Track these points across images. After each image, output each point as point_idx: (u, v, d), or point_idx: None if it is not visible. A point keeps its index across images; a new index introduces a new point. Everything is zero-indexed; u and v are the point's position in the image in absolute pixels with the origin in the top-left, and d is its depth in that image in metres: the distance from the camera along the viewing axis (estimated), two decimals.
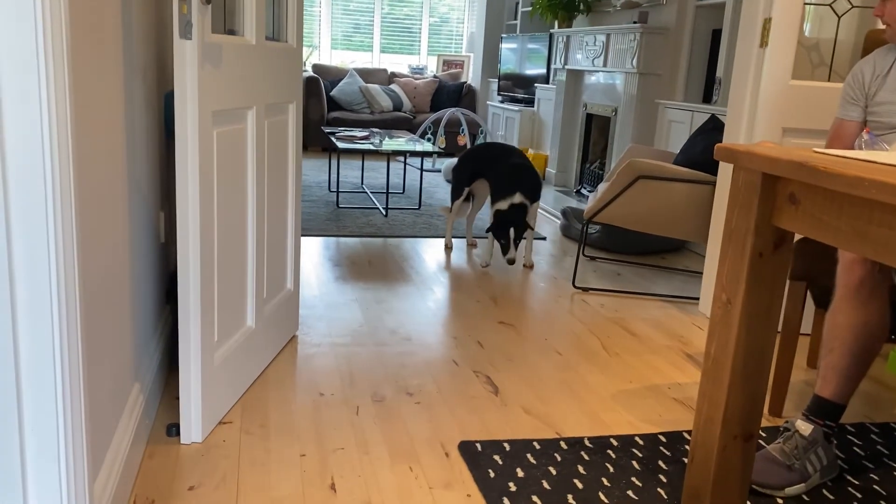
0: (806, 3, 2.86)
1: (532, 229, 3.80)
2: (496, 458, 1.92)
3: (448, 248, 4.12)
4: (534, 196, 3.76)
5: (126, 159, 1.71)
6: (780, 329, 2.23)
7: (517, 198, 3.63)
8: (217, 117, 1.85)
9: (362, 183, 6.00)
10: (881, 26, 2.11)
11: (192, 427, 1.89)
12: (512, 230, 3.59)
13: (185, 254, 1.80)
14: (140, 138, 1.89)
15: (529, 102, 7.22)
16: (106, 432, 1.52)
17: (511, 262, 3.57)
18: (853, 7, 3.00)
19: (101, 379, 1.47)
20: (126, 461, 1.62)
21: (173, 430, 1.91)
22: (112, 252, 1.56)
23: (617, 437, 2.07)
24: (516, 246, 3.61)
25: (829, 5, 3.00)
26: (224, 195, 1.94)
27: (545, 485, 1.81)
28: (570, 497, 1.77)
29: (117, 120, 1.61)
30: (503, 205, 3.65)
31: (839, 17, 3.01)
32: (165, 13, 2.26)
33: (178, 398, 1.90)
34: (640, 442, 2.06)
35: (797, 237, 2.20)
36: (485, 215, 3.98)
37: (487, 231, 3.70)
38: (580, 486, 1.82)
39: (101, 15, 1.46)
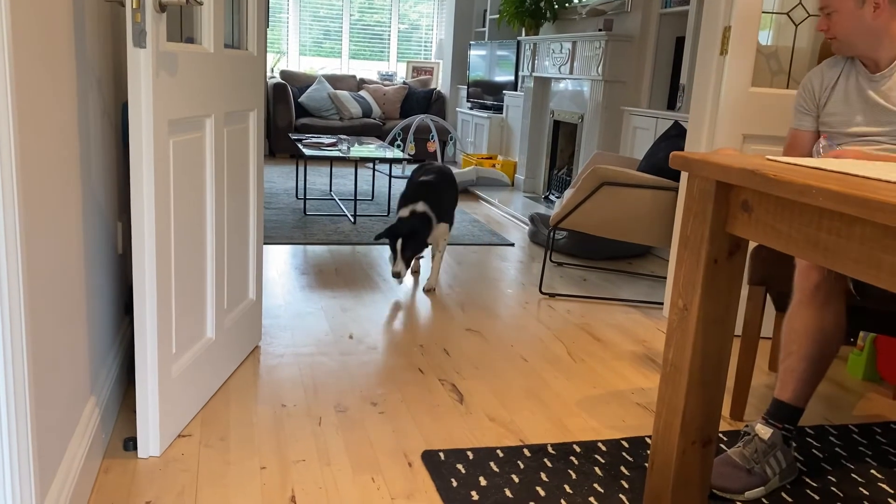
0: (764, 12, 2.90)
1: (437, 252, 3.48)
2: (459, 466, 1.91)
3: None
4: (441, 213, 3.45)
5: (80, 169, 1.68)
6: (740, 333, 2.26)
7: (420, 206, 3.37)
8: (173, 126, 1.83)
9: (331, 190, 5.97)
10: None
11: (150, 441, 1.86)
12: (400, 241, 3.27)
13: (140, 265, 1.77)
14: (96, 148, 1.86)
15: (498, 109, 7.25)
16: (57, 447, 1.48)
17: (395, 276, 3.26)
18: (810, 16, 3.05)
19: (53, 392, 1.44)
20: (79, 476, 1.58)
21: (130, 443, 1.88)
22: (64, 263, 1.53)
23: (580, 444, 2.08)
24: (408, 263, 3.30)
25: (787, 14, 3.05)
26: (182, 204, 1.91)
27: (508, 493, 1.81)
28: None
29: (70, 129, 1.58)
30: (404, 211, 3.39)
31: (796, 26, 3.06)
32: (121, 22, 2.23)
33: (136, 411, 1.86)
34: (603, 448, 2.06)
35: (755, 243, 2.23)
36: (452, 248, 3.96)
37: (377, 238, 3.38)
38: (542, 493, 1.82)
39: (51, 23, 1.43)
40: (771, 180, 1.31)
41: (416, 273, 3.74)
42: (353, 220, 4.89)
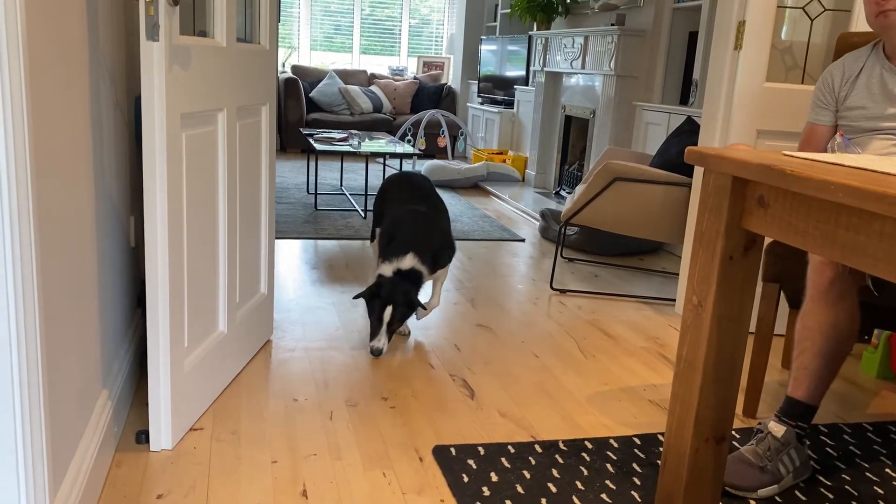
0: (779, 7, 2.88)
1: (425, 310, 2.72)
2: (470, 462, 1.91)
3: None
4: (437, 260, 2.71)
5: (93, 163, 1.68)
6: (754, 330, 2.24)
7: (407, 260, 2.61)
8: (186, 120, 1.83)
9: (341, 185, 5.97)
10: (852, 29, 2.12)
11: (162, 434, 1.87)
12: (389, 309, 2.52)
13: (152, 258, 1.77)
14: (109, 142, 1.86)
15: (509, 104, 7.23)
16: (70, 440, 1.49)
17: (377, 353, 2.51)
18: (825, 10, 3.02)
19: (65, 386, 1.44)
20: (92, 470, 1.59)
21: (143, 437, 1.88)
22: (77, 257, 1.54)
23: (591, 440, 2.07)
24: (391, 333, 2.56)
25: (802, 8, 3.02)
26: (194, 198, 1.91)
27: (519, 489, 1.80)
28: (543, 501, 1.76)
29: (82, 123, 1.58)
30: (386, 268, 2.63)
31: (812, 20, 3.03)
32: (134, 15, 2.23)
33: (148, 405, 1.87)
34: (615, 444, 2.05)
35: (769, 239, 2.21)
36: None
37: (356, 297, 2.64)
38: (554, 489, 1.81)
39: (64, 17, 1.43)
40: (788, 176, 1.29)
41: (407, 335, 2.80)
42: (363, 214, 4.89)
